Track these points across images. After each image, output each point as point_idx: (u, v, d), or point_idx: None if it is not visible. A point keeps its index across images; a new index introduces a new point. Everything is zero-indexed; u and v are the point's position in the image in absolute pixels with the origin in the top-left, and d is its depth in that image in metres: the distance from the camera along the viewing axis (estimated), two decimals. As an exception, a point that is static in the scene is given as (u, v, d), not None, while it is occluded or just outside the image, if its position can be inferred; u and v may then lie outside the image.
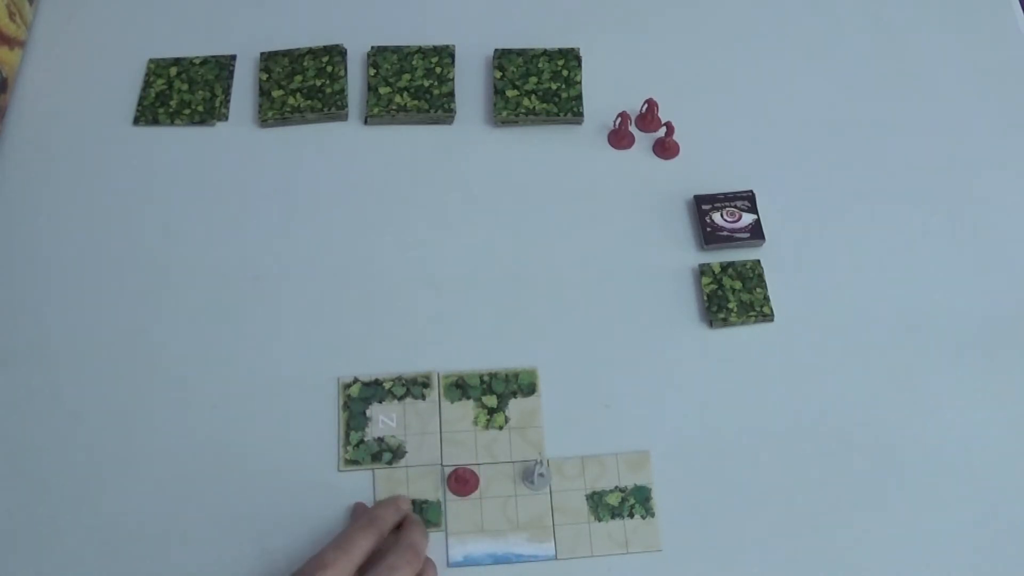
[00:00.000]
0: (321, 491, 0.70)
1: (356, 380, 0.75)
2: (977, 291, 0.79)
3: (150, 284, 0.78)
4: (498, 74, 0.87)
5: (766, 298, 0.77)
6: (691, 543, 0.69)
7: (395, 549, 0.64)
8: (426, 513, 0.70)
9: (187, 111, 0.85)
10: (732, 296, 0.77)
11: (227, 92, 0.87)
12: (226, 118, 0.86)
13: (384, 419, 0.73)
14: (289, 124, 0.85)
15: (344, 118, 0.86)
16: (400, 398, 0.74)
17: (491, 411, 0.74)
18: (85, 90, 0.87)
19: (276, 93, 0.86)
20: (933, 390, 0.75)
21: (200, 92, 0.86)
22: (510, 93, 0.85)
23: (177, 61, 0.88)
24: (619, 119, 0.83)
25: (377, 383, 0.74)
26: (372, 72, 0.87)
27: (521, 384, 0.75)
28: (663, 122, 0.83)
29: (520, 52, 0.88)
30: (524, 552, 0.69)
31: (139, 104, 0.86)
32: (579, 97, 0.86)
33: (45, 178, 0.83)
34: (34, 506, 0.70)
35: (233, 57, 0.88)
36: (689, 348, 0.76)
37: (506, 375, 0.75)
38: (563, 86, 0.86)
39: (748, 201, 0.81)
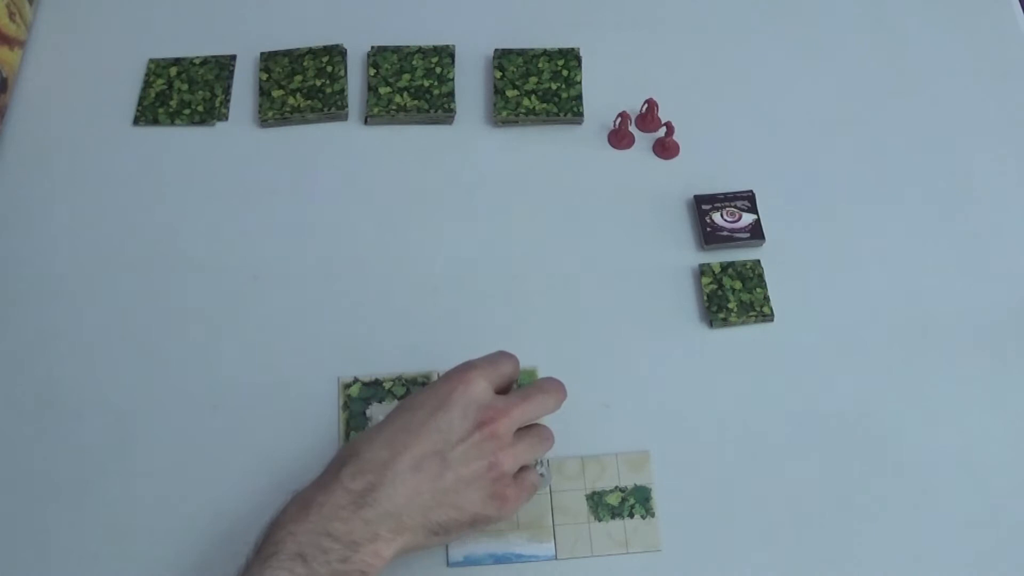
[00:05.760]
0: (321, 491, 0.70)
1: (356, 380, 0.75)
2: (977, 291, 0.79)
3: (150, 284, 0.78)
4: (498, 74, 0.87)
5: (766, 298, 0.77)
6: (691, 543, 0.69)
7: (545, 379, 0.68)
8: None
9: (187, 111, 0.85)
10: (732, 296, 0.77)
11: (227, 92, 0.87)
12: (226, 118, 0.86)
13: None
14: (289, 124, 0.85)
15: (344, 118, 0.86)
16: (400, 398, 0.74)
17: (491, 411, 0.73)
18: (85, 90, 0.87)
19: (276, 93, 0.86)
20: (933, 390, 0.75)
21: (200, 92, 0.86)
22: (510, 93, 0.85)
23: (177, 61, 0.88)
24: (619, 119, 0.83)
25: (377, 383, 0.74)
26: (372, 72, 0.87)
27: (521, 384, 0.74)
28: (663, 122, 0.83)
29: (520, 52, 0.88)
30: (524, 552, 0.69)
31: (139, 104, 0.86)
32: (579, 97, 0.86)
33: (45, 178, 0.83)
34: (33, 506, 0.70)
35: (233, 57, 0.88)
36: (689, 348, 0.76)
37: (506, 375, 0.75)
38: (563, 86, 0.86)
39: (748, 201, 0.81)
